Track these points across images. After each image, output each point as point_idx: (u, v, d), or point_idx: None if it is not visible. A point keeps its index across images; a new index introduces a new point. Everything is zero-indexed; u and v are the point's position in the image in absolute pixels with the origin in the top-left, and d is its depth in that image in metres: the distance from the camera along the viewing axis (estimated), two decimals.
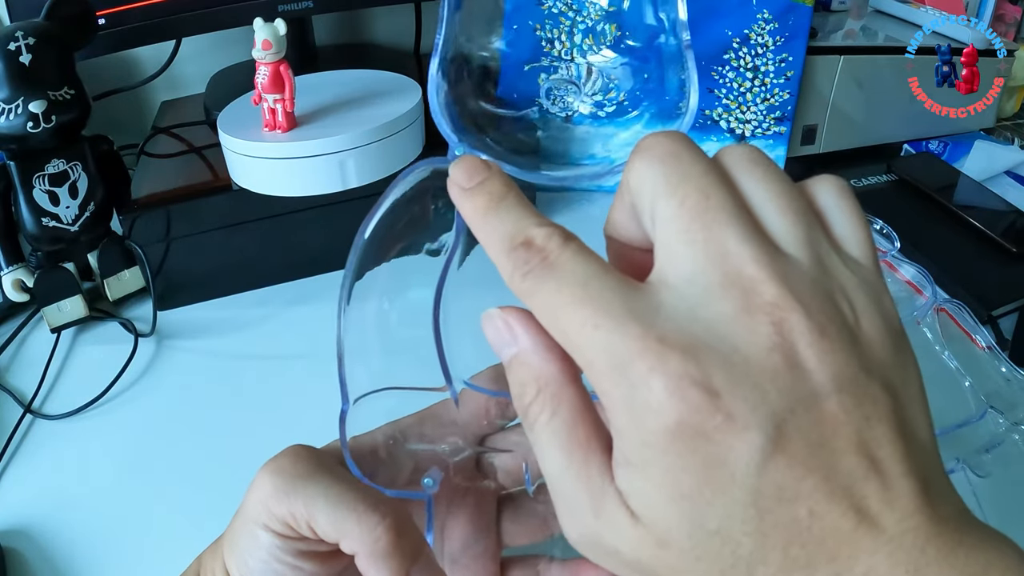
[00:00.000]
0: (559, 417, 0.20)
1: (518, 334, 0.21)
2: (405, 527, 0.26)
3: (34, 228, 0.53)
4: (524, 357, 0.21)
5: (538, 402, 0.20)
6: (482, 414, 0.30)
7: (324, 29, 0.80)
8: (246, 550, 0.27)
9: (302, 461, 0.27)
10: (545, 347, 0.21)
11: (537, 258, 0.19)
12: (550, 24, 0.61)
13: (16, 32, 0.50)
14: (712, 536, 0.17)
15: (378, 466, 0.28)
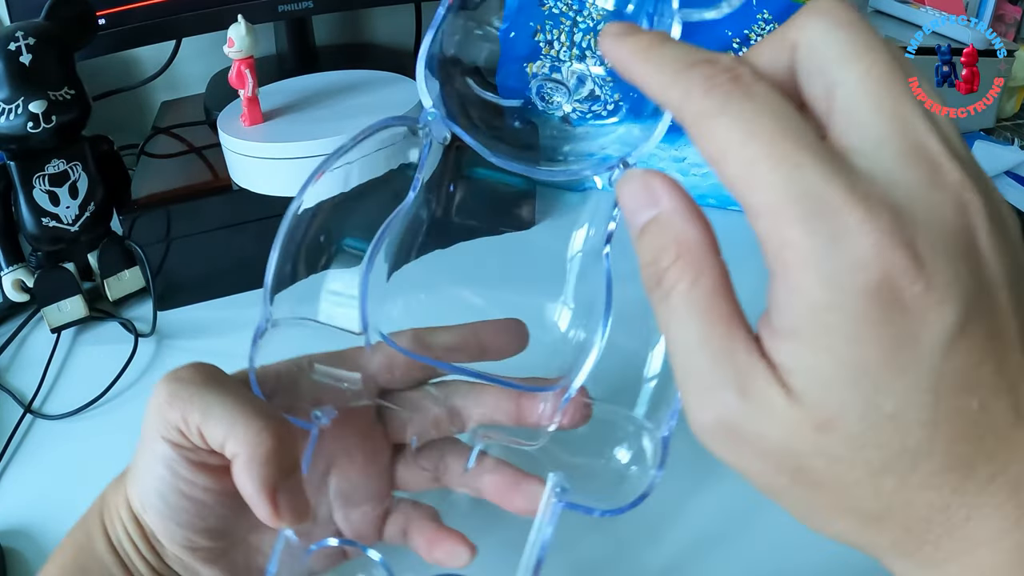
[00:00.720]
0: (700, 286, 0.18)
1: (660, 195, 0.20)
2: (286, 445, 0.27)
3: (34, 228, 0.53)
4: (665, 219, 0.19)
5: (677, 267, 0.18)
6: (388, 370, 0.31)
7: (324, 29, 0.80)
8: (144, 469, 0.28)
9: (200, 372, 0.28)
10: (689, 211, 0.19)
11: (726, 76, 0.17)
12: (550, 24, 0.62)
13: (16, 32, 0.50)
14: (886, 421, 0.16)
15: (279, 390, 0.29)
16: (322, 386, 0.30)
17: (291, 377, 0.30)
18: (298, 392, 0.30)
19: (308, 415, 0.29)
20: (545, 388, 0.30)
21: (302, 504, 0.27)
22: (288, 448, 0.27)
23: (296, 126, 0.53)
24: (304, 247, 0.28)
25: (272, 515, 0.26)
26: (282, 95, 0.58)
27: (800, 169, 0.16)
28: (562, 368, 0.30)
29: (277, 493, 0.26)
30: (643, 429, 0.29)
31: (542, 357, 0.31)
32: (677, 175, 0.65)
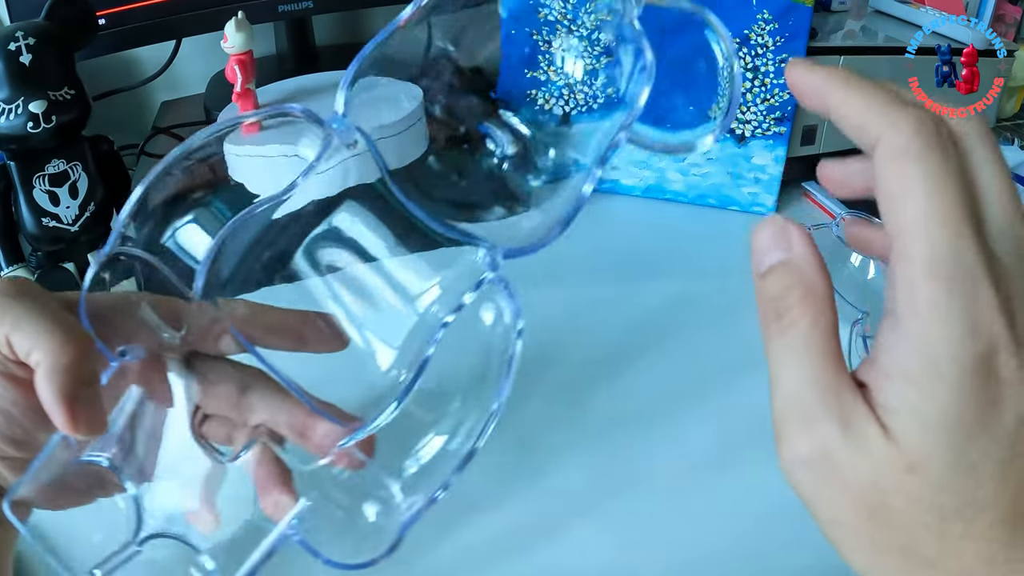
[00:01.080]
0: (820, 326, 0.20)
1: (794, 242, 0.21)
2: (88, 359, 0.28)
3: (34, 228, 0.53)
4: (796, 263, 0.21)
5: (801, 307, 0.20)
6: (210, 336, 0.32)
7: (324, 29, 0.80)
8: None
9: (15, 285, 0.29)
10: (818, 262, 0.21)
11: (932, 126, 0.19)
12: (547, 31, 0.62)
13: (16, 32, 0.50)
14: (967, 471, 0.18)
15: (103, 316, 0.29)
16: (143, 327, 0.30)
17: (118, 308, 0.30)
18: (119, 324, 0.30)
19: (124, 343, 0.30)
20: (338, 421, 0.31)
21: (98, 416, 0.28)
22: (90, 362, 0.28)
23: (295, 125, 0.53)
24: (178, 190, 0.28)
25: (68, 423, 0.27)
26: (282, 95, 0.58)
27: (961, 238, 0.18)
28: (360, 407, 0.31)
29: (75, 403, 0.27)
30: (393, 505, 0.31)
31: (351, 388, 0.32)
32: (677, 174, 0.65)
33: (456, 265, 0.31)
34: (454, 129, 0.31)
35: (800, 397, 0.20)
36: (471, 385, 0.31)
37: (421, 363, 0.29)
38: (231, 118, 0.28)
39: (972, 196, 0.19)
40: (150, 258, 0.29)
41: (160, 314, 0.31)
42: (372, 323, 0.32)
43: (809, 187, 0.68)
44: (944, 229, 0.18)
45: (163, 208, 0.29)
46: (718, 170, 0.65)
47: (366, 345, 0.31)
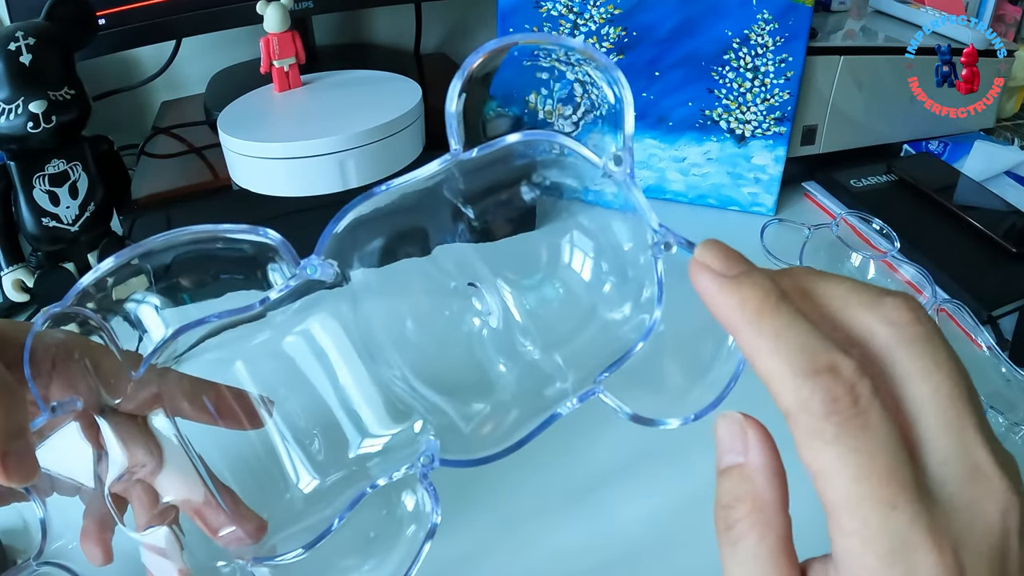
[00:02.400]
0: (766, 543, 0.20)
1: (750, 447, 0.21)
2: (13, 409, 0.28)
3: (34, 228, 0.53)
4: (748, 472, 0.21)
5: (748, 521, 0.20)
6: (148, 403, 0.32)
7: (324, 29, 0.80)
8: None
9: None
10: (772, 471, 0.21)
11: (847, 400, 0.18)
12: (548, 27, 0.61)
13: (16, 32, 0.50)
14: None
15: (40, 366, 0.29)
16: (82, 380, 0.30)
17: (60, 358, 0.30)
18: (62, 371, 0.30)
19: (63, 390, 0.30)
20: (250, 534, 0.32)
21: (29, 466, 0.28)
22: (16, 416, 0.28)
23: (296, 126, 0.53)
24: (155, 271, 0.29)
25: (1, 475, 0.27)
26: (282, 95, 0.58)
27: (895, 512, 0.18)
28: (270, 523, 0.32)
29: (5, 458, 0.27)
30: None
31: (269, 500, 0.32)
32: (677, 174, 0.65)
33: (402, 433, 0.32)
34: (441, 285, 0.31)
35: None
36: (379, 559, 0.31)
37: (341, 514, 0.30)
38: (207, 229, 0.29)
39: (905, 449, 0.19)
40: (102, 324, 0.29)
41: (99, 374, 0.31)
42: (308, 445, 0.33)
43: (809, 187, 0.68)
44: (875, 509, 0.18)
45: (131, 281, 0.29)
46: (718, 170, 0.65)
47: (295, 462, 0.32)
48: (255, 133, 0.52)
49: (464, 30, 0.88)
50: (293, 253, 0.29)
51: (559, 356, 0.31)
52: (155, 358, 0.29)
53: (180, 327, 0.29)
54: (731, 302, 0.20)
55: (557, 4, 0.61)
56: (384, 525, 0.32)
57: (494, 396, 0.31)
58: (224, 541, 0.32)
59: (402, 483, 0.31)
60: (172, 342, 0.29)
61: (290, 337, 0.32)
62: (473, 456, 0.29)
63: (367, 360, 0.32)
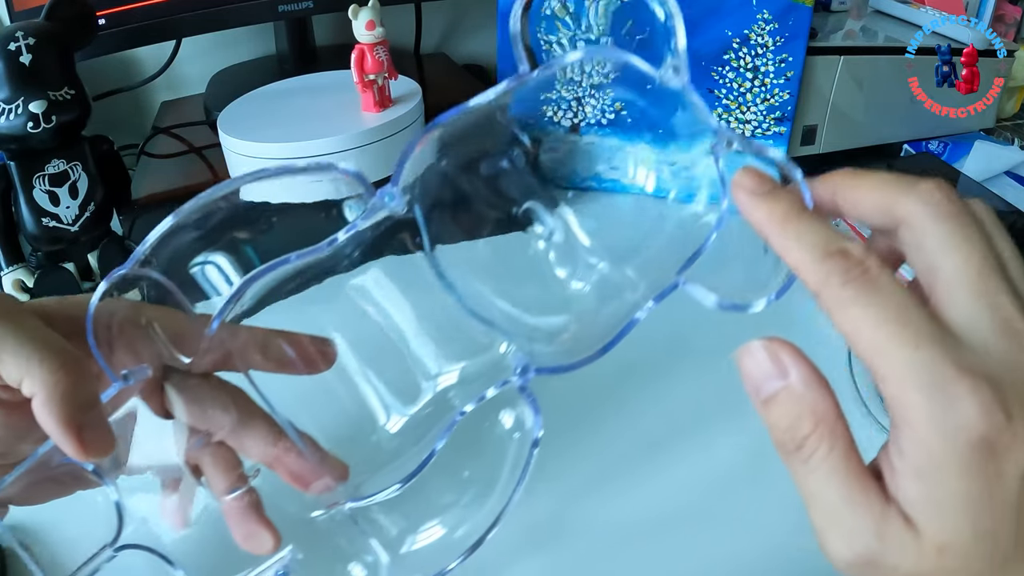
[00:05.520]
0: (837, 450, 0.22)
1: (788, 367, 0.22)
2: (85, 381, 0.27)
3: (34, 228, 0.53)
4: (797, 390, 0.22)
5: (816, 436, 0.22)
6: (220, 361, 0.31)
7: (324, 29, 0.80)
8: None
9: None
10: (817, 382, 0.22)
11: (858, 270, 0.21)
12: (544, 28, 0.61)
13: (16, 32, 0.50)
14: (986, 536, 0.20)
15: (105, 337, 0.29)
16: (148, 345, 0.30)
17: (124, 325, 0.29)
18: (124, 342, 0.29)
19: (127, 361, 0.29)
20: (333, 484, 0.31)
21: (106, 438, 0.27)
22: (87, 386, 0.27)
23: (296, 126, 0.53)
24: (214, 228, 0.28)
25: (77, 450, 0.26)
26: (282, 95, 0.58)
27: (919, 350, 0.20)
28: (360, 467, 0.31)
29: (81, 430, 0.26)
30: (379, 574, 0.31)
31: (353, 444, 0.32)
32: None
33: (484, 357, 0.32)
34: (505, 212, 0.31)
35: (835, 515, 0.22)
36: (482, 485, 0.31)
37: (433, 448, 0.29)
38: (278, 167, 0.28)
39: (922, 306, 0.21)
40: (168, 284, 0.28)
41: (168, 336, 0.30)
42: (388, 385, 0.32)
43: None
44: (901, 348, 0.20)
45: (193, 240, 0.28)
46: None
47: (378, 403, 0.32)
48: (255, 133, 0.52)
49: (464, 30, 0.88)
50: (367, 183, 0.28)
51: (630, 267, 0.31)
52: (228, 310, 0.28)
53: (253, 274, 0.28)
54: (762, 214, 0.24)
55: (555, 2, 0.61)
56: (481, 452, 0.31)
57: (572, 311, 0.31)
58: (314, 490, 0.31)
59: (495, 405, 0.30)
60: (242, 294, 0.28)
61: (362, 276, 0.32)
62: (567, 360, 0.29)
63: (444, 289, 0.31)
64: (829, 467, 0.22)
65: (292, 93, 0.59)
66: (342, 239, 0.28)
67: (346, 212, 0.29)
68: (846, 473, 0.21)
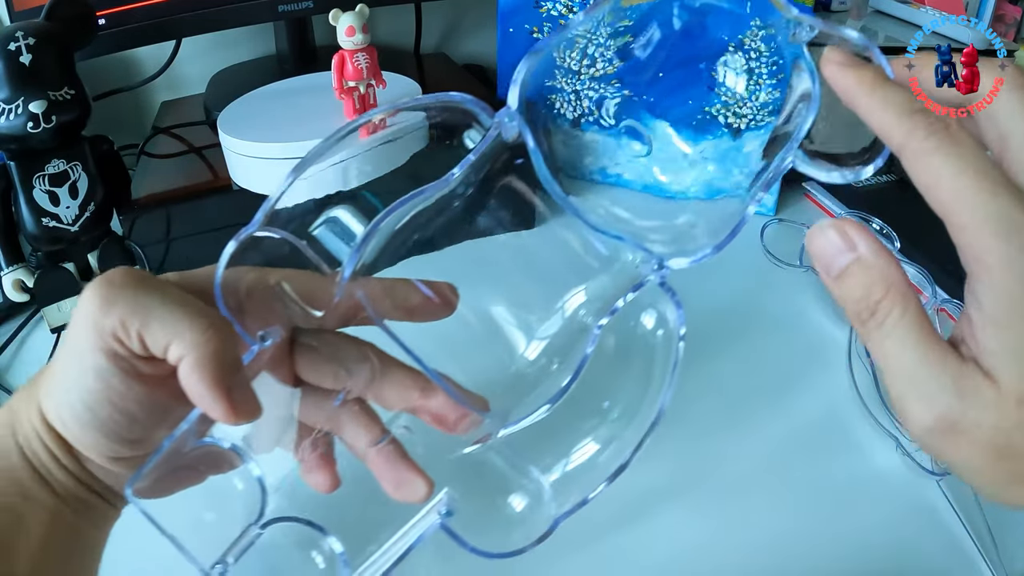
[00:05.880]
0: (910, 313, 0.23)
1: (857, 241, 0.24)
2: (231, 343, 0.27)
3: (34, 228, 0.53)
4: (868, 261, 0.23)
5: (888, 299, 0.23)
6: (350, 315, 0.31)
7: (324, 29, 0.80)
8: (71, 381, 0.27)
9: (132, 275, 0.27)
10: (884, 252, 0.24)
11: (940, 124, 0.23)
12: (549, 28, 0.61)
13: (16, 32, 0.50)
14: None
15: (235, 302, 0.29)
16: (277, 306, 0.30)
17: (253, 289, 0.29)
18: (255, 305, 0.29)
19: (256, 327, 0.29)
20: (484, 415, 0.30)
21: (253, 401, 0.27)
22: (234, 348, 0.27)
23: (296, 126, 0.53)
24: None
25: (228, 412, 0.26)
26: (282, 95, 0.58)
27: (997, 197, 0.21)
28: (508, 399, 0.30)
29: (231, 391, 0.26)
30: (544, 501, 0.30)
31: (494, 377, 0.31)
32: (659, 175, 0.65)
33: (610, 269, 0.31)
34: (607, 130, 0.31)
35: (913, 378, 0.22)
36: (631, 395, 0.31)
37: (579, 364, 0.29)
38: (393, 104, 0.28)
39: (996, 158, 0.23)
40: (295, 240, 0.28)
41: (299, 294, 0.30)
42: (519, 315, 0.32)
43: (809, 187, 0.68)
44: (978, 195, 0.21)
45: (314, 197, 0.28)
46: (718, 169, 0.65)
47: (512, 334, 0.31)
48: (255, 133, 0.52)
49: (464, 30, 0.88)
50: (484, 105, 0.28)
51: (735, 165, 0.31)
52: (358, 258, 0.28)
53: (379, 216, 0.27)
54: (850, 81, 0.25)
55: (557, 4, 0.61)
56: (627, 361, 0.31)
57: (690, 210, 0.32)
58: (461, 429, 0.31)
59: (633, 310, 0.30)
60: (370, 239, 0.27)
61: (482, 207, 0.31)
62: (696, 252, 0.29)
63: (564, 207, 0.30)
64: (904, 329, 0.22)
65: (292, 93, 0.59)
66: (459, 173, 0.28)
67: (467, 143, 0.28)
68: (920, 334, 0.22)
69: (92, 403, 0.27)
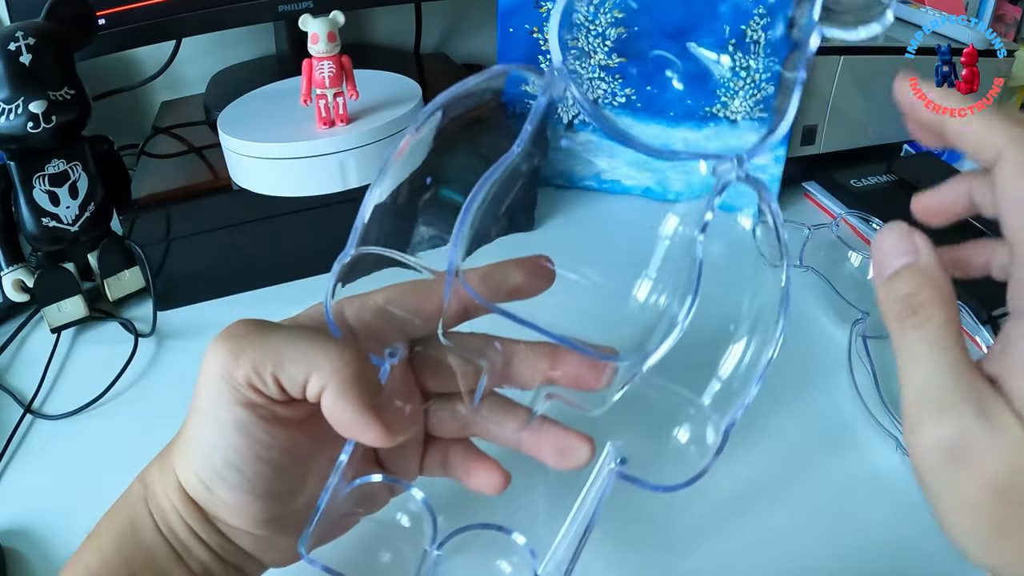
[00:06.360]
0: (952, 324, 0.22)
1: (920, 247, 0.24)
2: (367, 363, 0.27)
3: (34, 228, 0.53)
4: (923, 264, 0.23)
5: (934, 303, 0.22)
6: (462, 313, 0.31)
7: None
8: (209, 444, 0.26)
9: (251, 323, 0.27)
10: (941, 267, 0.23)
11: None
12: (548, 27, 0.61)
13: (16, 32, 0.50)
14: None
15: (350, 326, 0.29)
16: (394, 325, 0.30)
17: (361, 314, 0.29)
18: (367, 330, 0.29)
19: (378, 351, 0.29)
20: (619, 359, 0.30)
21: (401, 419, 0.27)
22: (372, 367, 0.27)
23: (296, 126, 0.53)
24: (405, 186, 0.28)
25: (382, 433, 0.26)
26: (282, 95, 0.58)
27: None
28: (635, 340, 0.30)
29: (380, 412, 0.26)
30: (707, 416, 0.30)
31: (616, 326, 0.31)
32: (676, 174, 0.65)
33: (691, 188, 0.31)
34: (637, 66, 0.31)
35: (937, 385, 0.21)
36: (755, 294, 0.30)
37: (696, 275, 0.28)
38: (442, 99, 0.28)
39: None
40: (393, 253, 0.28)
41: (408, 308, 0.30)
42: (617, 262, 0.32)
43: (809, 187, 0.68)
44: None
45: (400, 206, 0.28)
46: None
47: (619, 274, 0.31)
48: (255, 133, 0.52)
49: (464, 30, 0.88)
50: (534, 67, 0.28)
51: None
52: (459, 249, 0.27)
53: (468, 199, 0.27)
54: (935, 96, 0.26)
55: None
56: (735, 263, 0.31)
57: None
58: (602, 383, 0.31)
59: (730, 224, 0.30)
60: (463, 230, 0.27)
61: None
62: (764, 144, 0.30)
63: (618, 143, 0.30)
64: (942, 334, 0.22)
65: (292, 93, 0.59)
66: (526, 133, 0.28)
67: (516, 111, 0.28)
68: (956, 346, 0.21)
69: (237, 461, 0.26)
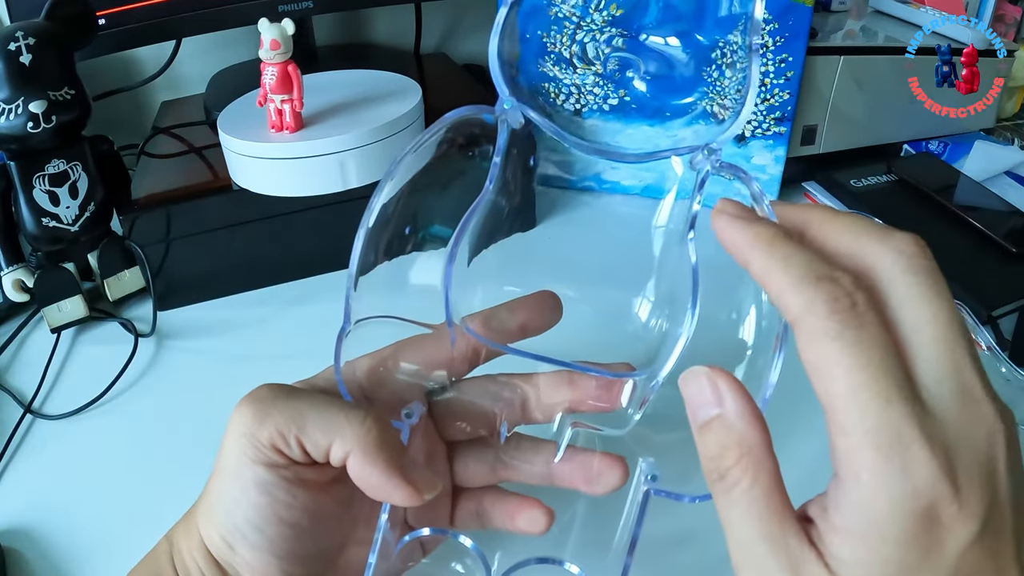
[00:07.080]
0: (760, 484, 0.21)
1: (724, 397, 0.22)
2: (389, 426, 0.27)
3: (34, 228, 0.53)
4: (729, 420, 0.22)
5: (739, 467, 0.21)
6: (471, 359, 0.31)
7: (324, 29, 0.80)
8: (232, 503, 0.27)
9: (275, 388, 0.27)
10: (751, 415, 0.22)
11: (847, 302, 0.20)
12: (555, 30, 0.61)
13: (16, 32, 0.50)
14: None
15: (363, 390, 0.29)
16: (406, 382, 0.30)
17: (373, 374, 0.30)
18: (379, 389, 0.29)
19: (396, 409, 0.29)
20: (634, 374, 0.30)
21: (429, 476, 0.27)
22: (393, 431, 0.27)
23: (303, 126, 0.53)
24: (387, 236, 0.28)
25: (412, 493, 0.26)
26: None
27: (891, 405, 0.19)
28: (647, 354, 0.30)
29: (407, 473, 0.26)
30: None
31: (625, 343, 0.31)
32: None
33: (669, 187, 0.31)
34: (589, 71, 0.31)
35: (752, 553, 0.21)
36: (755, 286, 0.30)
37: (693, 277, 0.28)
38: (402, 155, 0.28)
39: (899, 356, 0.20)
40: (394, 318, 0.28)
41: (419, 363, 0.30)
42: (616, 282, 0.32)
43: (809, 187, 0.68)
44: (872, 401, 0.19)
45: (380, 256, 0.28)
46: None
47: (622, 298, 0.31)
48: (255, 133, 0.52)
49: (464, 30, 0.88)
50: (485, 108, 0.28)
51: None
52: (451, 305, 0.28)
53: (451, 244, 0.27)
54: (746, 237, 0.22)
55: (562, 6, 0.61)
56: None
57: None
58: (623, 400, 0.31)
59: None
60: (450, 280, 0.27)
61: None
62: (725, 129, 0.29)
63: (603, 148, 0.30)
64: (749, 500, 0.21)
65: None
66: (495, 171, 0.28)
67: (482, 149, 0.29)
68: (766, 510, 0.21)
69: (258, 520, 0.26)
